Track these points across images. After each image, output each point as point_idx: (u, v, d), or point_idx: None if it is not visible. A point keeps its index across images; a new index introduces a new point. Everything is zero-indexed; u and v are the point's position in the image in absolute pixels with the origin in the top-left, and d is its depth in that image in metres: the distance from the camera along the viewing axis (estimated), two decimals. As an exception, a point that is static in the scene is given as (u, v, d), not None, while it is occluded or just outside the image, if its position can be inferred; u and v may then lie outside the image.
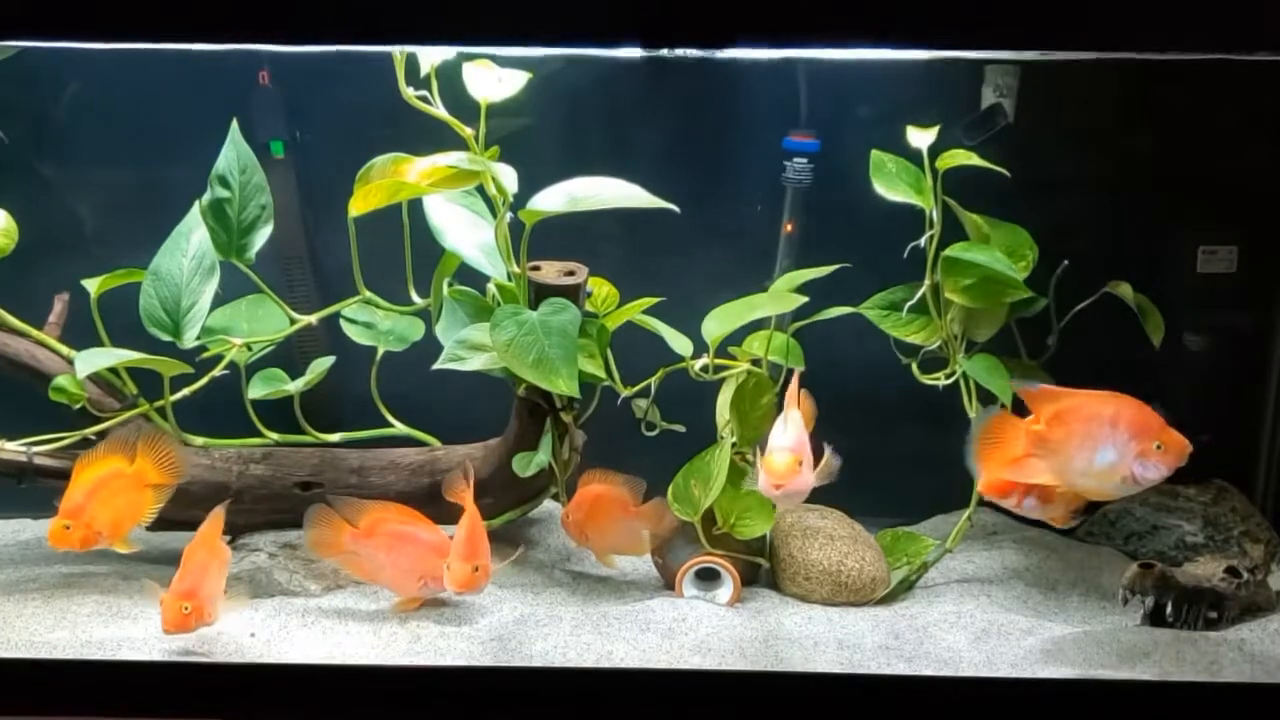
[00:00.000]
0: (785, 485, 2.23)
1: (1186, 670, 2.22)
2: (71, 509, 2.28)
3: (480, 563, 2.30)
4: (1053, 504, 2.17)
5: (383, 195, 2.34)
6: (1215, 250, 2.84)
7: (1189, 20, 1.93)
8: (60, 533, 2.27)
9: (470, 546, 2.31)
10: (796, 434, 2.29)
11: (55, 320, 2.61)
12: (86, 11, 1.92)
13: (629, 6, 1.93)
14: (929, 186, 2.50)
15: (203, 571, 2.23)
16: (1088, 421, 2.12)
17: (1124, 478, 2.12)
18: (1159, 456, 2.11)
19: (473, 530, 2.33)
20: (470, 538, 2.32)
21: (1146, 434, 2.10)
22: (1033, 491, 2.16)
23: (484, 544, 2.33)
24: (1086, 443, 2.12)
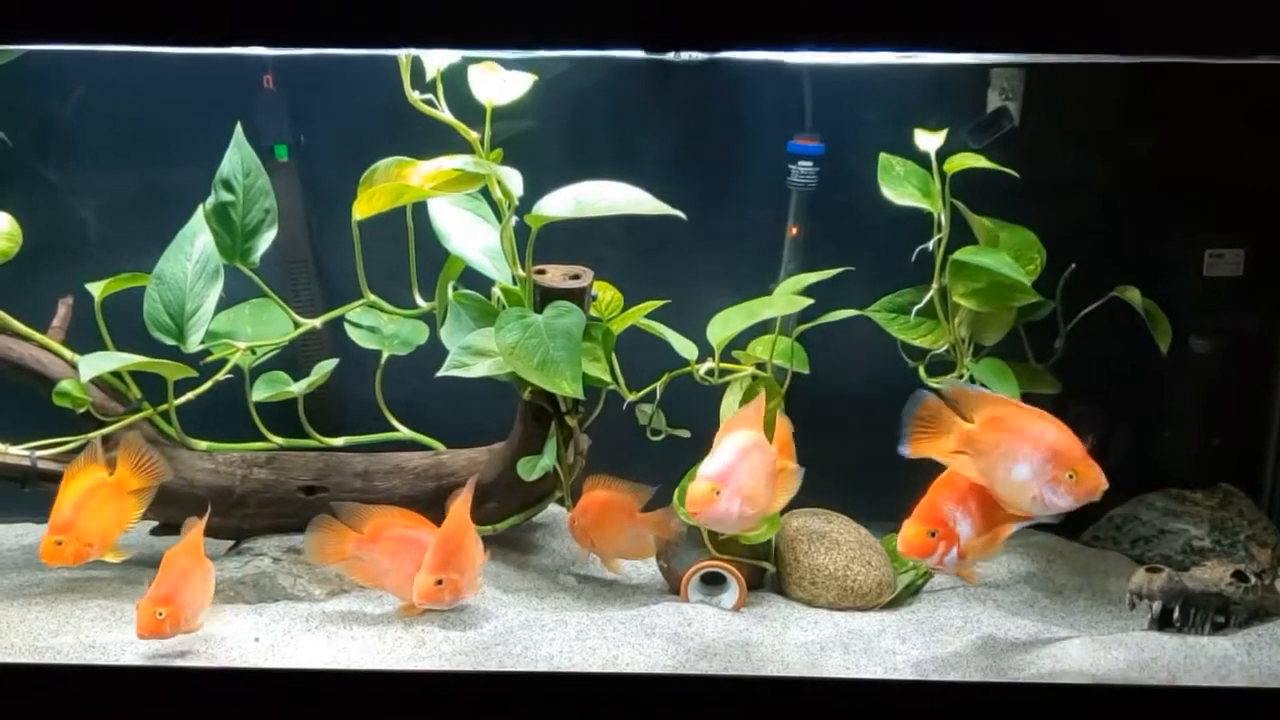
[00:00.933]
0: (699, 514, 2.20)
1: (1194, 675, 2.22)
2: (61, 524, 2.29)
3: (447, 575, 2.25)
4: (964, 560, 2.18)
5: (386, 199, 2.34)
6: (1222, 254, 2.83)
7: (1193, 23, 1.92)
8: (53, 549, 2.28)
9: (438, 558, 2.27)
10: (725, 461, 2.22)
11: (59, 324, 2.60)
12: (90, 15, 1.92)
13: (634, 10, 1.92)
14: (936, 190, 2.49)
15: (183, 578, 2.23)
16: (1014, 434, 2.16)
17: (1034, 497, 2.15)
18: (1068, 486, 2.14)
19: (445, 542, 2.29)
20: (441, 548, 2.28)
21: (1063, 461, 2.13)
22: (951, 546, 2.16)
23: (459, 558, 2.29)
24: (1008, 454, 2.15)
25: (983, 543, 2.18)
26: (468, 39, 2.05)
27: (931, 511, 2.17)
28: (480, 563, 2.38)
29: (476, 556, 2.37)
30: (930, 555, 2.15)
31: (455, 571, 2.27)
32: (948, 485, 2.19)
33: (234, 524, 2.61)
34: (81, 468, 2.34)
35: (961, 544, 2.16)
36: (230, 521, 2.61)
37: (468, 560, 2.32)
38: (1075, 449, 2.14)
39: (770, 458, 2.28)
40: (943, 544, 2.15)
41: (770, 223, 2.81)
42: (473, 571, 2.33)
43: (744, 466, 2.21)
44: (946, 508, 2.17)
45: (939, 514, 2.17)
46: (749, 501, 2.20)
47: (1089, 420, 2.95)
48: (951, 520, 2.16)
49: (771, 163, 2.78)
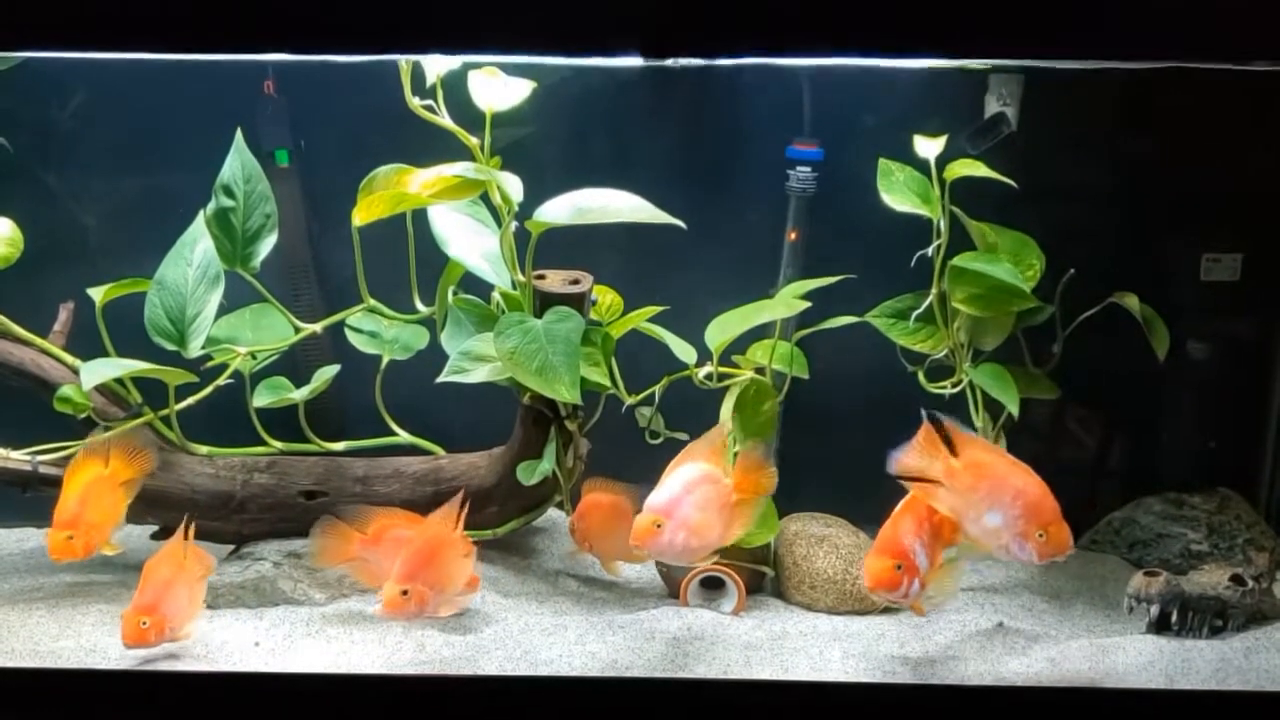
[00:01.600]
0: (641, 545, 2.22)
1: (1192, 679, 2.22)
2: (68, 519, 2.29)
3: (414, 587, 2.21)
4: (925, 590, 2.19)
5: (385, 206, 2.34)
6: (1219, 258, 2.84)
7: (1190, 28, 1.93)
8: (64, 545, 2.28)
9: (407, 568, 2.23)
10: (670, 493, 2.24)
11: (60, 329, 2.61)
12: (91, 22, 1.93)
13: (633, 17, 1.93)
14: (936, 196, 2.50)
15: (165, 587, 2.23)
16: (995, 482, 2.18)
17: (1001, 546, 2.17)
18: (1036, 544, 2.16)
19: (417, 553, 2.25)
20: (411, 559, 2.24)
21: (1037, 519, 2.16)
22: (914, 578, 2.17)
23: (431, 570, 2.24)
24: (985, 499, 2.17)
25: (939, 575, 2.20)
26: (468, 45, 2.05)
27: (894, 544, 2.17)
28: (461, 580, 2.32)
29: (456, 573, 2.30)
30: (898, 589, 2.16)
31: (425, 584, 2.22)
32: (907, 515, 2.20)
33: (234, 529, 2.62)
34: (81, 463, 2.35)
35: (923, 574, 2.18)
36: (231, 526, 2.61)
37: (442, 575, 2.26)
38: (1051, 509, 2.17)
39: (722, 490, 2.28)
40: (907, 577, 2.16)
41: (769, 228, 2.82)
42: (447, 587, 2.27)
43: (690, 500, 2.24)
44: (907, 539, 2.18)
45: (901, 546, 2.17)
46: (694, 534, 2.23)
47: (1087, 424, 2.99)
48: (913, 552, 2.17)
49: (770, 168, 2.79)
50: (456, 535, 2.31)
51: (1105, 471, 3.03)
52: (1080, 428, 2.99)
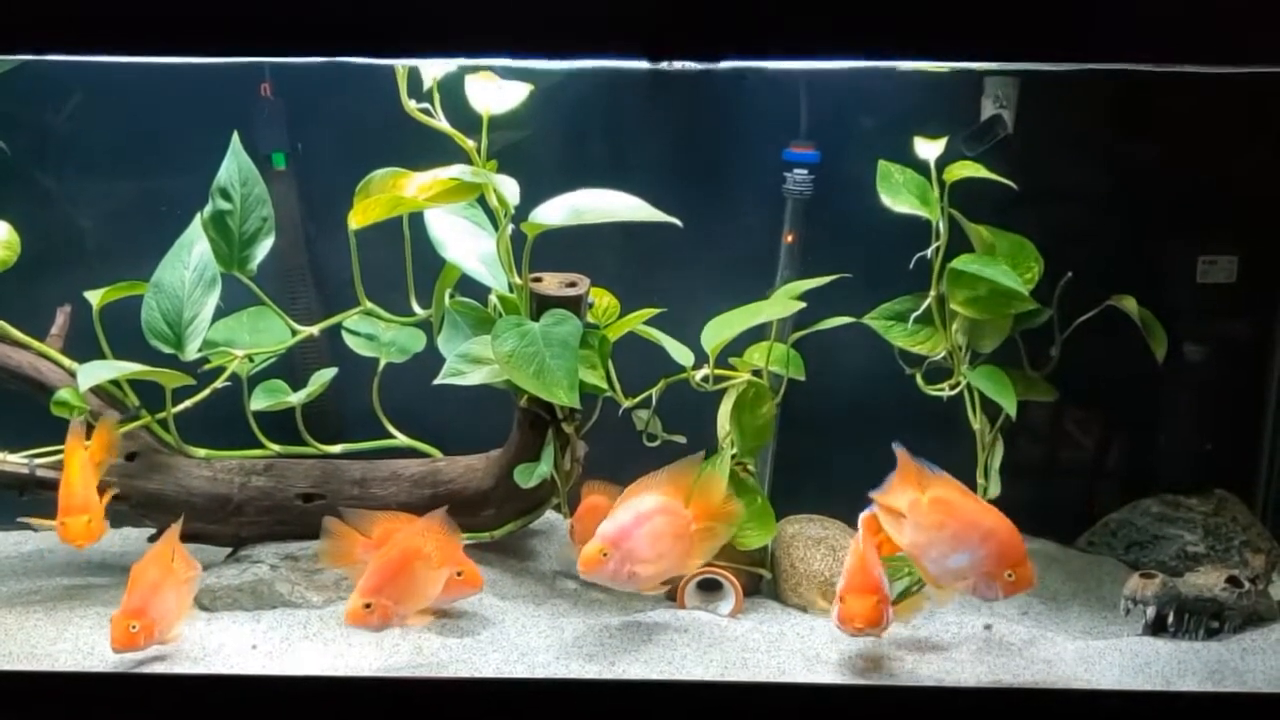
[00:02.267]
0: (588, 573, 2.27)
1: (1189, 680, 2.23)
2: (79, 505, 2.32)
3: (378, 601, 2.18)
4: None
5: (381, 209, 2.34)
6: (1215, 260, 2.85)
7: (1185, 32, 1.93)
8: (85, 528, 2.32)
9: (371, 582, 2.20)
10: (621, 524, 2.28)
11: (57, 332, 2.61)
12: (88, 24, 1.93)
13: (629, 20, 1.93)
14: (935, 198, 2.50)
15: (153, 590, 2.23)
16: (963, 523, 2.21)
17: (968, 586, 2.20)
18: (1004, 584, 2.19)
19: (383, 567, 2.22)
20: (376, 573, 2.22)
21: (1005, 561, 2.18)
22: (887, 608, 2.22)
23: (397, 585, 2.21)
24: (951, 540, 2.21)
25: (906, 603, 2.27)
26: (464, 48, 2.05)
27: (870, 580, 2.21)
28: (433, 593, 2.29)
29: (426, 587, 2.27)
30: (880, 624, 2.20)
31: (390, 599, 2.20)
32: (869, 547, 2.25)
33: (232, 531, 2.62)
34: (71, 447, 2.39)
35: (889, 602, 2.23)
36: (228, 529, 2.61)
37: (410, 591, 2.23)
38: (1018, 550, 2.19)
39: (679, 521, 2.32)
40: (882, 608, 2.20)
41: (766, 230, 2.82)
42: (412, 602, 2.23)
43: (642, 531, 2.28)
44: (877, 571, 2.24)
45: (875, 580, 2.22)
46: (644, 564, 2.28)
47: (1083, 426, 2.99)
48: (884, 583, 2.23)
49: (767, 171, 2.79)
50: (428, 549, 2.28)
51: (1102, 473, 3.03)
52: (1076, 429, 3.00)
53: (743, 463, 2.59)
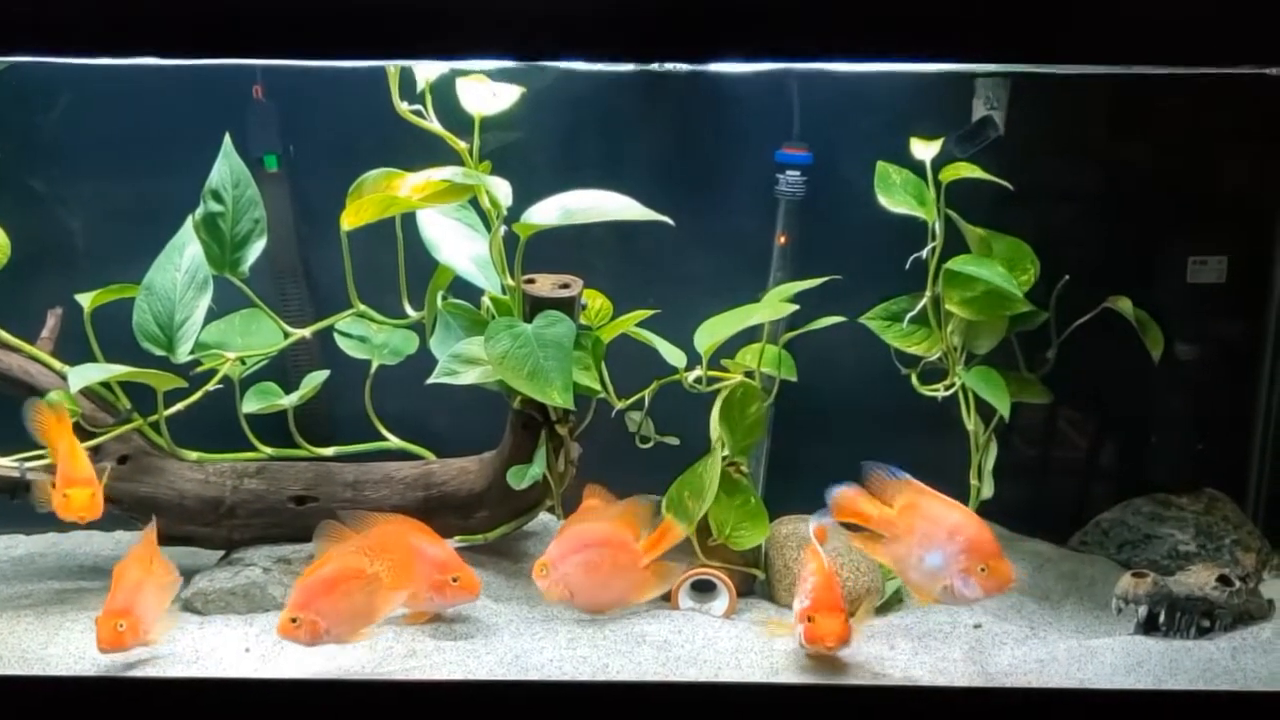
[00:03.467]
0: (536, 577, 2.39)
1: (1180, 679, 2.23)
2: (83, 477, 2.36)
3: (304, 616, 2.17)
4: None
5: (373, 210, 2.34)
6: (1205, 260, 2.86)
7: (1175, 33, 1.94)
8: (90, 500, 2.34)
9: (299, 596, 2.19)
10: (562, 548, 2.38)
11: (48, 335, 2.60)
12: (79, 26, 1.92)
13: (620, 21, 1.94)
14: (931, 198, 2.50)
15: (136, 589, 2.23)
16: (932, 523, 2.24)
17: (945, 586, 2.22)
18: (980, 579, 2.20)
19: (314, 582, 2.20)
20: (306, 588, 2.20)
21: (977, 555, 2.20)
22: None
23: (327, 601, 2.19)
24: (923, 541, 2.23)
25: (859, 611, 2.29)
26: (455, 51, 2.06)
27: (835, 597, 2.23)
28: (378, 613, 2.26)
29: (364, 610, 2.24)
30: (849, 639, 2.21)
31: (318, 615, 2.18)
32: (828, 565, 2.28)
33: (224, 534, 2.62)
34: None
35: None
36: (220, 532, 2.61)
37: (343, 611, 2.21)
38: (990, 544, 2.21)
39: (625, 556, 2.38)
40: (849, 622, 2.22)
41: (759, 232, 2.83)
42: (347, 623, 2.21)
43: (578, 559, 2.37)
44: (839, 588, 2.27)
45: (839, 598, 2.23)
46: (578, 593, 2.38)
47: (1074, 425, 3.00)
48: (844, 598, 2.26)
49: (759, 172, 2.80)
50: (375, 569, 2.26)
51: (1094, 473, 3.04)
52: (1069, 429, 3.00)
53: (735, 463, 2.59)
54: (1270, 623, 2.46)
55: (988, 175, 2.47)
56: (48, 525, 2.86)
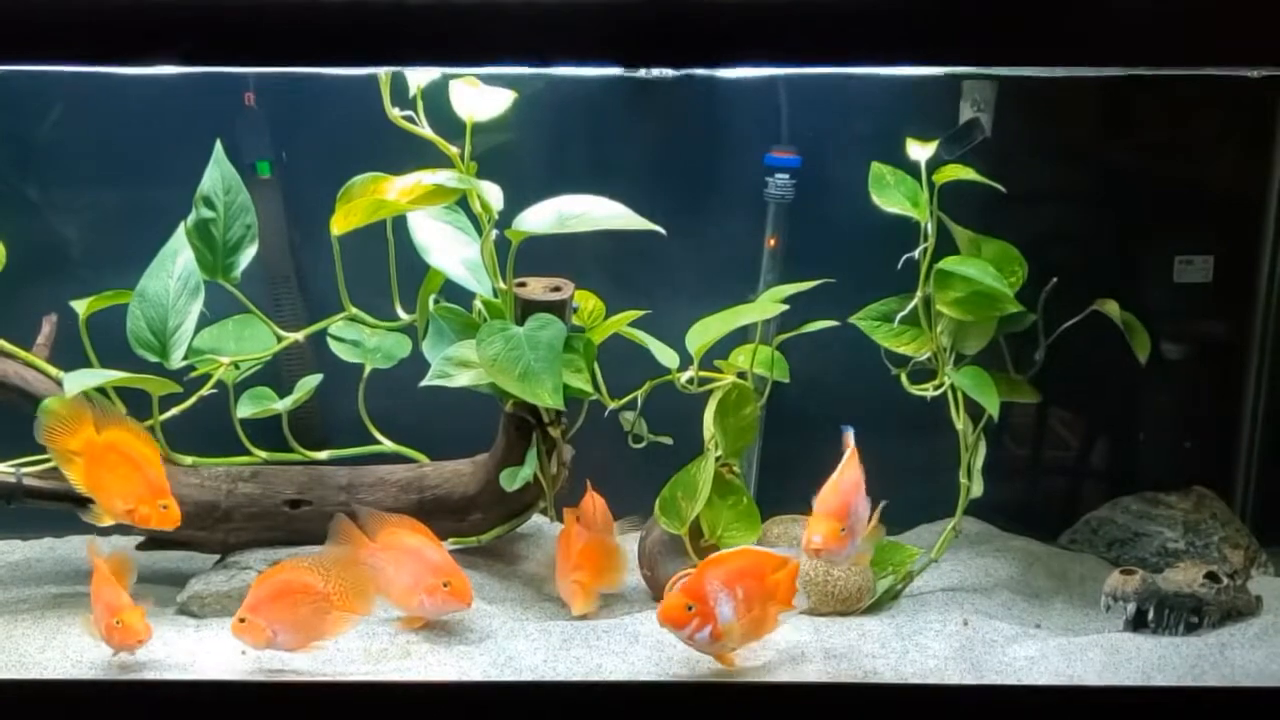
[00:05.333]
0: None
1: (1168, 675, 2.25)
2: (160, 488, 2.34)
3: (252, 619, 2.18)
4: (719, 642, 2.21)
5: (363, 214, 2.35)
6: (1191, 260, 2.87)
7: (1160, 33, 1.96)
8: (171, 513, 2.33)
9: (252, 599, 2.20)
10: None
11: (44, 341, 2.61)
12: (71, 34, 1.93)
13: (608, 27, 1.95)
14: (925, 199, 2.52)
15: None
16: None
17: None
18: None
19: (268, 589, 2.21)
20: (260, 591, 2.21)
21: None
22: (706, 624, 2.19)
23: (279, 608, 2.19)
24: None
25: (742, 631, 2.21)
26: (447, 57, 2.07)
27: (695, 588, 2.20)
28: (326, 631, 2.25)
29: (311, 626, 2.23)
30: (683, 628, 2.19)
31: (269, 619, 2.19)
32: (717, 564, 2.24)
33: (220, 538, 2.62)
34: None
35: (719, 625, 2.19)
36: (216, 536, 2.62)
37: (294, 618, 2.21)
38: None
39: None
40: (697, 620, 2.18)
41: (748, 235, 2.84)
42: (294, 635, 2.22)
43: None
44: (711, 586, 2.19)
45: (702, 591, 2.19)
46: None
47: (1064, 424, 3.02)
48: (714, 600, 2.19)
49: (749, 175, 2.81)
50: (327, 588, 2.25)
51: (1083, 471, 3.06)
52: (1057, 428, 3.02)
53: (728, 464, 2.61)
54: (1258, 619, 2.47)
55: (981, 178, 2.48)
56: (43, 530, 2.89)
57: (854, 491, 2.30)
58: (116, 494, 2.33)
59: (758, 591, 2.22)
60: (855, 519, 2.29)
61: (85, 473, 2.34)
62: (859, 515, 2.30)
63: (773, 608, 2.24)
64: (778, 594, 2.25)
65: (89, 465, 2.34)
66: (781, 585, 2.25)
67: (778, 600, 2.25)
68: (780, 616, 2.27)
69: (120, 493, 2.32)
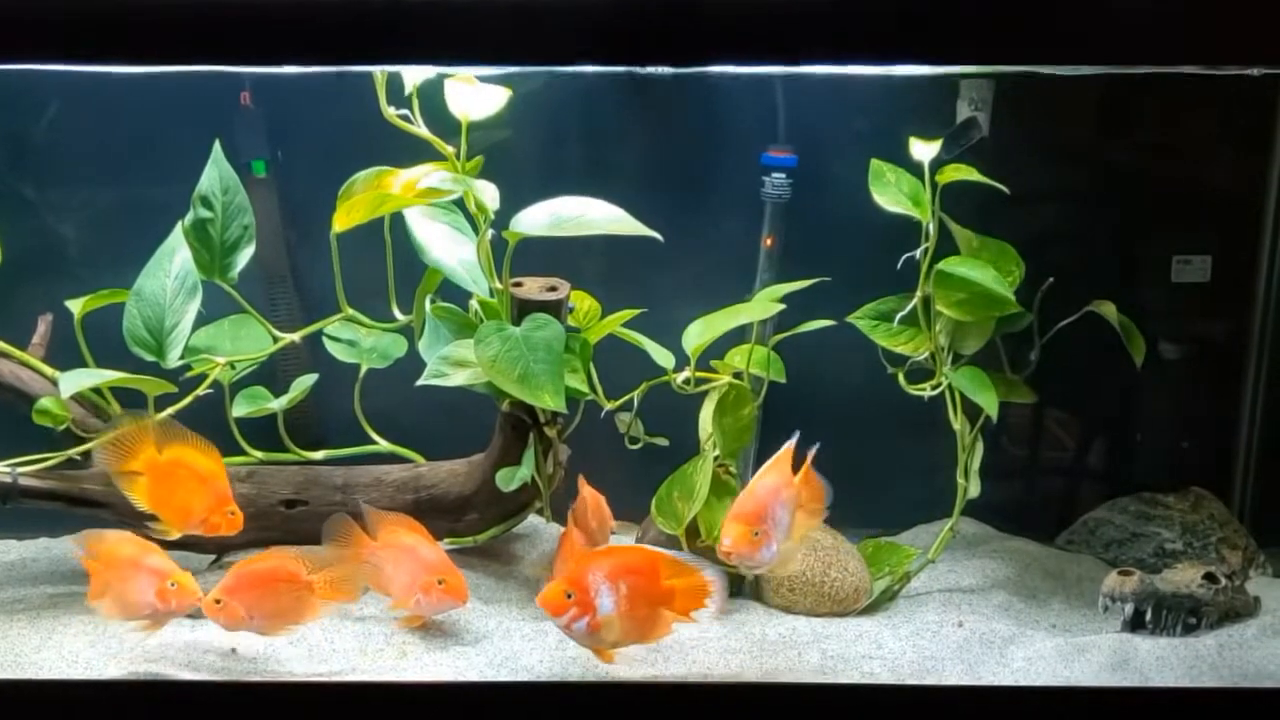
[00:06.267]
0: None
1: (1166, 676, 2.25)
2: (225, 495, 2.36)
3: (227, 602, 2.20)
4: (596, 634, 2.18)
5: (366, 209, 2.35)
6: (1189, 260, 2.87)
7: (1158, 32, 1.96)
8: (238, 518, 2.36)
9: (230, 580, 2.22)
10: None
11: (39, 341, 2.61)
12: (68, 33, 1.93)
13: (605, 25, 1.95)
14: (926, 199, 2.51)
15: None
16: None
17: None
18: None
19: (248, 575, 2.23)
20: (239, 576, 2.23)
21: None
22: (584, 615, 2.16)
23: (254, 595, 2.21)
24: None
25: (622, 628, 2.17)
26: (442, 56, 2.07)
27: (576, 577, 2.18)
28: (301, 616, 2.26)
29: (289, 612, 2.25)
30: (560, 616, 2.16)
31: (243, 605, 2.21)
32: (605, 557, 2.22)
33: (217, 539, 2.61)
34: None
35: (597, 617, 2.15)
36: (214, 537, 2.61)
37: (267, 604, 2.23)
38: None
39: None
40: (575, 609, 2.15)
41: (745, 234, 2.84)
42: (270, 620, 2.24)
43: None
44: (593, 578, 2.16)
45: (583, 581, 2.16)
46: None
47: (1061, 425, 3.02)
48: (594, 591, 2.16)
49: (745, 175, 2.81)
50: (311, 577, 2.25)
51: (1080, 472, 3.06)
52: (1055, 429, 3.02)
53: (725, 464, 2.60)
54: (1256, 620, 2.48)
55: (983, 178, 2.48)
56: (39, 530, 2.89)
57: (772, 496, 2.23)
58: (186, 508, 2.33)
59: (646, 591, 2.16)
60: (772, 524, 2.21)
61: (150, 491, 2.34)
62: (777, 521, 2.22)
63: (666, 613, 2.18)
64: (675, 600, 2.17)
65: (153, 484, 2.34)
66: (681, 591, 2.18)
67: (675, 606, 2.18)
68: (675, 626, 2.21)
69: (190, 506, 2.33)
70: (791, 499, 2.25)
